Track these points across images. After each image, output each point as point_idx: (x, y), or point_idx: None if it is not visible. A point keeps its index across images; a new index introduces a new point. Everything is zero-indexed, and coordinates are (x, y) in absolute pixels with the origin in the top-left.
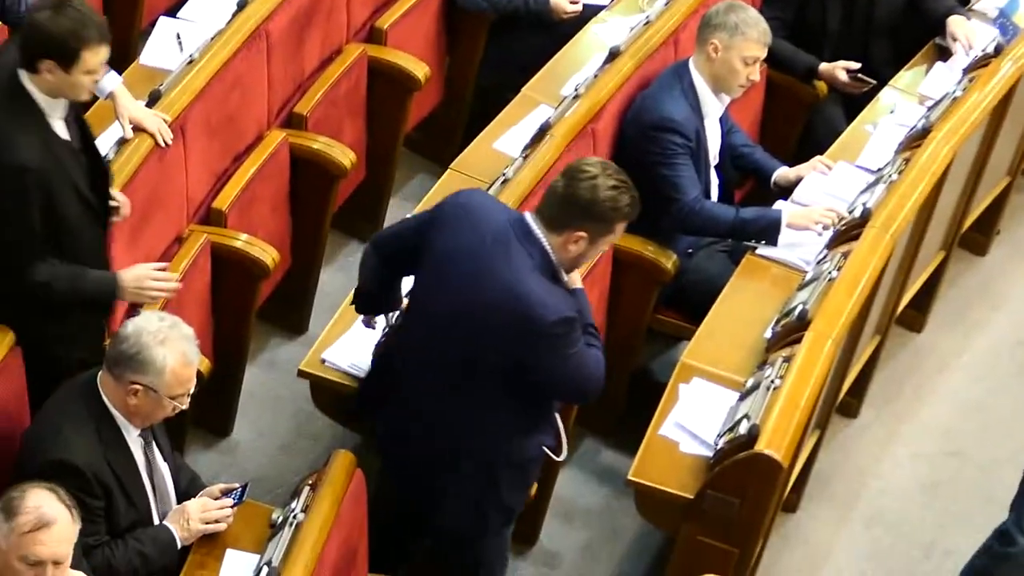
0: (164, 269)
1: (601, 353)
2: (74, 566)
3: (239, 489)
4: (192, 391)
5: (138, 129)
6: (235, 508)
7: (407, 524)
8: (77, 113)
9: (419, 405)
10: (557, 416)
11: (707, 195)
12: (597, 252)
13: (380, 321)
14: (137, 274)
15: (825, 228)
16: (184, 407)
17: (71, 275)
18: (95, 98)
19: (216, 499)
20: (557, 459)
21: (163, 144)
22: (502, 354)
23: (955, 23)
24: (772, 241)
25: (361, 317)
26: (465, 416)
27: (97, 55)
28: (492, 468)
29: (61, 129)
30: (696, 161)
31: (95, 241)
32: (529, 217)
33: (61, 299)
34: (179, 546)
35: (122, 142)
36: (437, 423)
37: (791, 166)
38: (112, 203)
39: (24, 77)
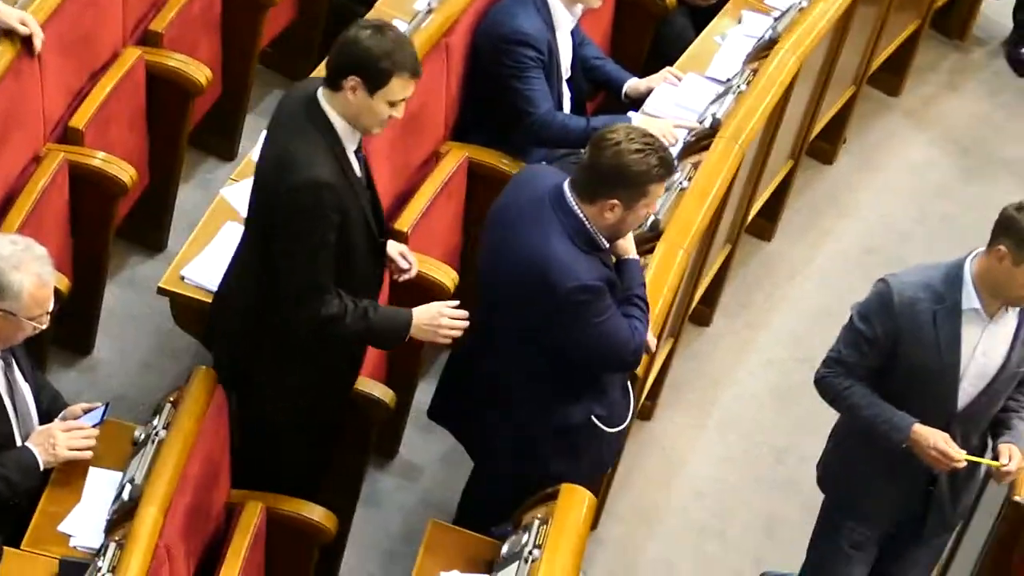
0: (457, 307)
1: (641, 323)
2: None
3: (101, 408)
4: (51, 310)
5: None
6: (97, 427)
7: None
8: (358, 149)
9: (471, 369)
10: (629, 386)
11: (559, 108)
12: (638, 216)
13: None
14: (432, 312)
15: (670, 144)
16: (44, 326)
17: (363, 310)
18: None
19: (77, 418)
20: (609, 430)
21: (36, 42)
22: (526, 318)
23: None
24: None
25: None
26: (513, 384)
27: (405, 88)
28: (530, 435)
29: (352, 159)
30: (548, 74)
31: (373, 282)
32: (567, 185)
33: (348, 336)
34: (42, 468)
35: None
36: (490, 392)
37: (641, 78)
38: (403, 263)
39: (324, 99)
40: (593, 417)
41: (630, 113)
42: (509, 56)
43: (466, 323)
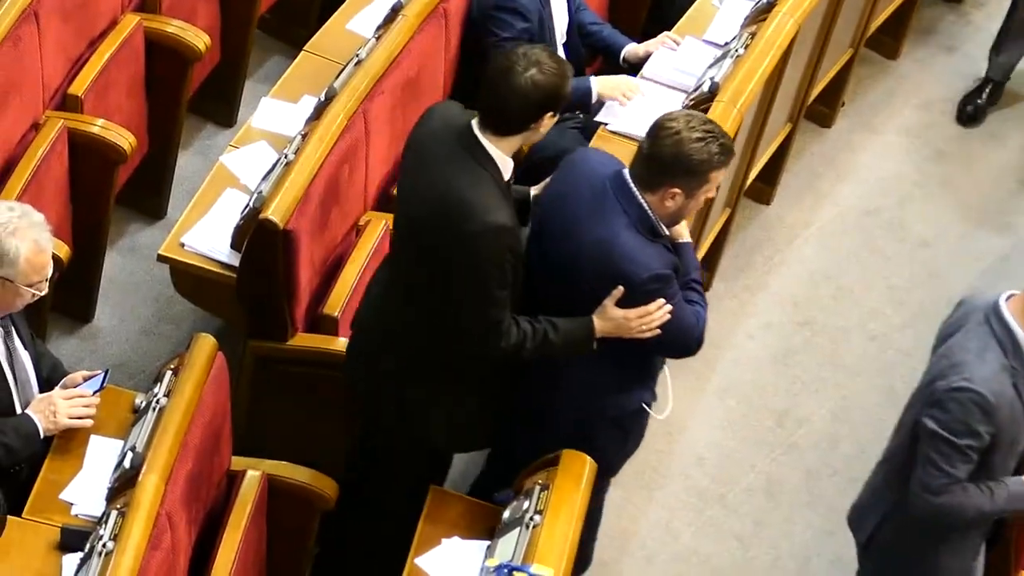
0: (647, 313)
1: (702, 308)
2: None
3: (100, 375)
4: (50, 276)
5: None
6: (97, 395)
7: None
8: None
9: (525, 364)
10: (666, 371)
11: None
12: (699, 203)
13: None
14: (616, 316)
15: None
16: (43, 293)
17: (542, 332)
18: None
19: (77, 386)
20: (659, 417)
21: None
22: (594, 308)
23: None
24: (587, 109)
25: None
26: (561, 369)
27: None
28: (588, 424)
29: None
30: (539, 43)
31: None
32: (627, 173)
33: (528, 360)
34: (42, 436)
35: None
36: (536, 376)
37: (639, 42)
38: None
39: (484, 137)
40: (644, 404)
41: (592, 78)
42: (494, 23)
43: (656, 316)
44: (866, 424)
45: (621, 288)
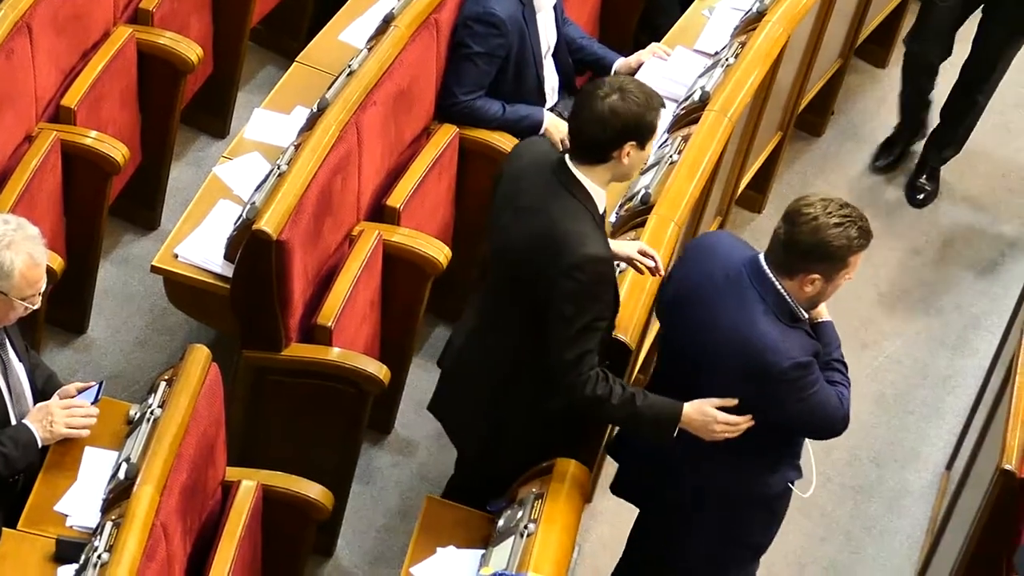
0: (735, 424)
1: (846, 388)
2: None
3: (95, 387)
4: (43, 290)
5: None
6: (94, 406)
7: (648, 567)
8: None
9: (665, 447)
10: (809, 448)
11: (540, 88)
12: (837, 285)
13: None
14: (706, 413)
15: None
16: (36, 306)
17: (630, 395)
18: None
19: (72, 397)
20: (804, 495)
21: None
22: (735, 395)
23: None
24: None
25: None
26: (710, 455)
27: (660, 121)
28: (738, 505)
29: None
30: (520, 59)
31: None
32: (763, 258)
33: (609, 419)
34: (40, 445)
35: None
36: (685, 463)
37: (629, 54)
38: (649, 262)
39: (578, 169)
40: (790, 483)
41: (547, 113)
42: (469, 34)
43: (741, 427)
44: (857, 431)
45: (734, 401)
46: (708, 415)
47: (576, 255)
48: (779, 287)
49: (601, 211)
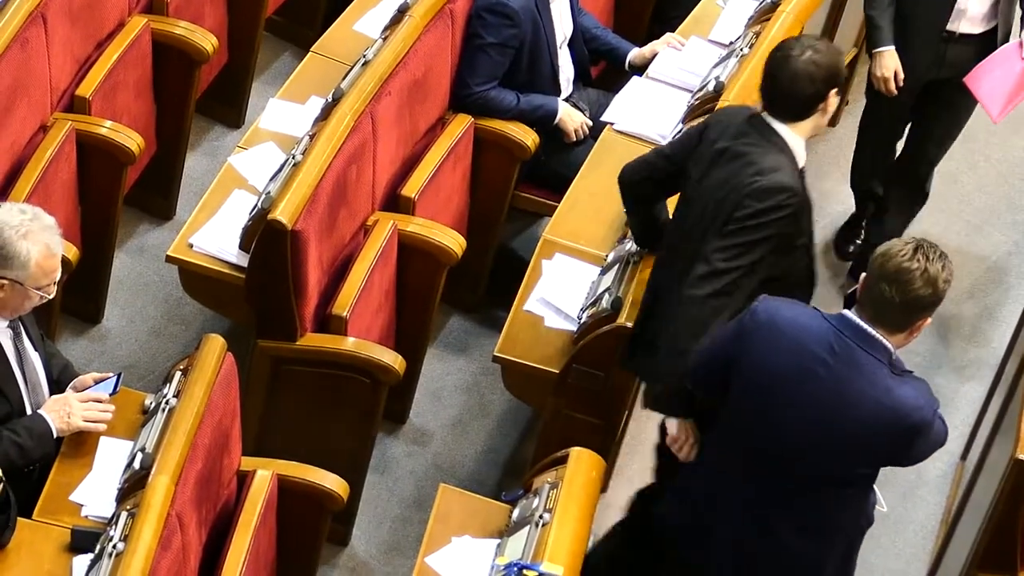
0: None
1: (942, 421)
2: None
3: (113, 378)
4: (58, 279)
5: None
6: (111, 398)
7: None
8: None
9: (757, 512)
10: None
11: (555, 77)
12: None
13: None
14: None
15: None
16: (51, 296)
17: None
18: None
19: (88, 388)
20: (883, 510)
21: None
22: (882, 462)
23: None
24: (545, 128)
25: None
26: (825, 505)
27: None
28: (853, 540)
29: None
30: (534, 49)
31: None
32: (854, 316)
33: (663, 370)
34: (55, 436)
35: None
36: (785, 519)
37: (643, 44)
38: None
39: (782, 127)
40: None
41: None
42: (481, 24)
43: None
44: None
45: None
46: None
47: (772, 180)
48: (888, 345)
49: (801, 164)
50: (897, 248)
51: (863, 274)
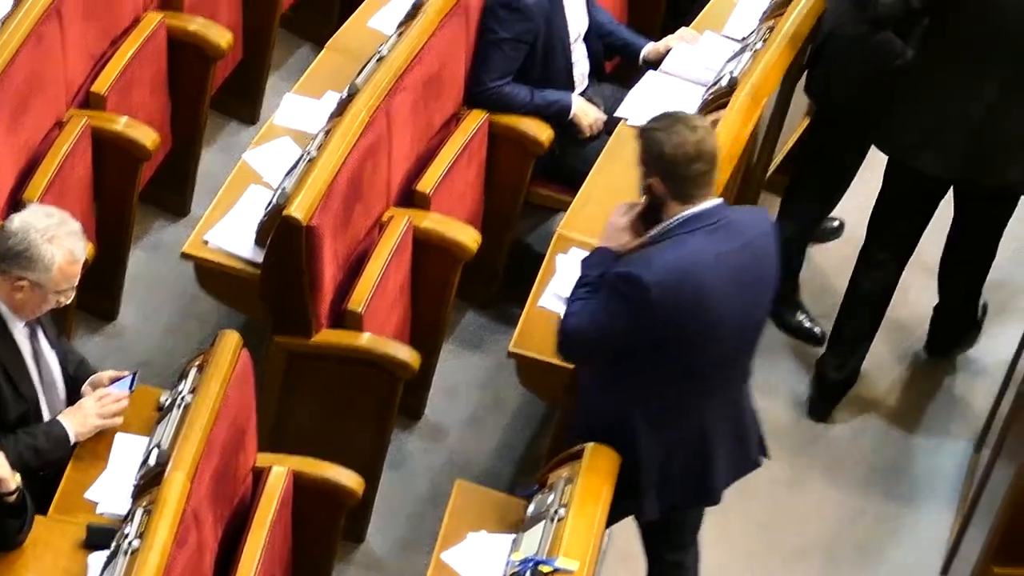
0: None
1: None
2: None
3: (129, 376)
4: (76, 284)
5: None
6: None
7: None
8: None
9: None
10: None
11: (569, 73)
12: None
13: None
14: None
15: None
16: (68, 301)
17: None
18: None
19: (104, 386)
20: None
21: None
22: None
23: None
24: (560, 123)
25: None
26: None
27: None
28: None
29: None
30: (547, 44)
31: None
32: (698, 208)
33: None
34: (72, 441)
35: None
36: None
37: (658, 39)
38: None
39: None
40: None
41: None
42: (494, 20)
43: None
44: (888, 413)
45: None
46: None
47: None
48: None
49: None
50: (675, 138)
51: None
